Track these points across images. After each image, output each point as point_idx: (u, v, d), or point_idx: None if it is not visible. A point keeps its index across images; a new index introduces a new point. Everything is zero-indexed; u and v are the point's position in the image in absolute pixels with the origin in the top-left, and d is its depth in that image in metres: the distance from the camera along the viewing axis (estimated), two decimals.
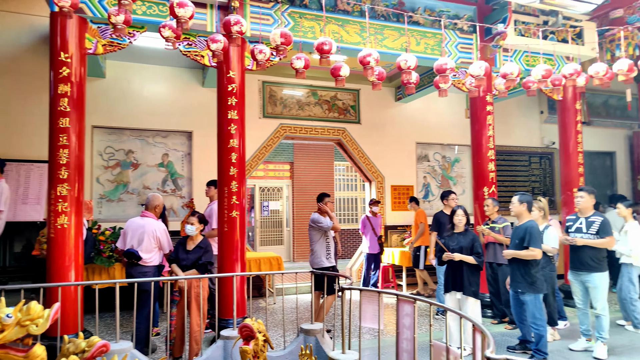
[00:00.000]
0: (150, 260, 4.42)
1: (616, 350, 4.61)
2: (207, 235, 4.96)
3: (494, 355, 1.87)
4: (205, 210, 5.52)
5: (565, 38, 6.21)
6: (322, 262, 5.24)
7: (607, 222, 4.54)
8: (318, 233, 5.25)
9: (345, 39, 5.37)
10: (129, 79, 6.98)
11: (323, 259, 5.24)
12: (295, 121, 7.89)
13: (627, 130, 10.42)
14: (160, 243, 4.49)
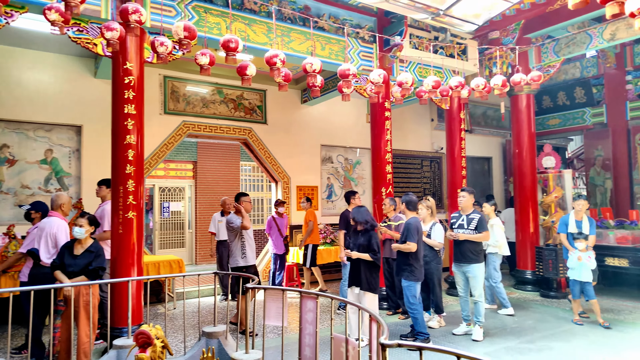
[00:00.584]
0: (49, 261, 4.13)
1: (490, 332, 5.24)
2: (99, 238, 4.59)
3: (387, 341, 2.03)
4: (96, 211, 5.09)
5: (452, 53, 6.90)
6: (237, 262, 5.22)
7: (483, 218, 5.15)
8: (233, 233, 5.25)
9: (252, 39, 5.35)
10: (5, 64, 6.16)
11: (238, 259, 5.23)
12: (200, 119, 7.64)
13: (502, 138, 11.86)
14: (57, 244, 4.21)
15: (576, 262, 5.52)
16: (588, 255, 5.49)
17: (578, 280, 5.51)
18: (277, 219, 7.27)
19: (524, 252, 7.70)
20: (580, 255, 5.48)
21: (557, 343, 4.80)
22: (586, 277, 5.44)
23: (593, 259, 5.50)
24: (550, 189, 7.48)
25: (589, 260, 5.46)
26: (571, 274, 5.63)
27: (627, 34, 6.29)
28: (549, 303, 6.67)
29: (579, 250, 5.51)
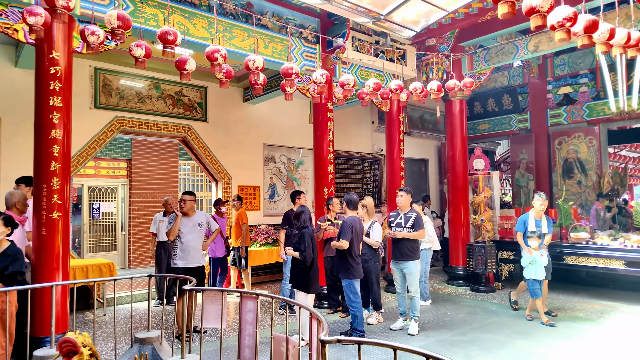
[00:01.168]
0: None
1: (425, 326, 5.46)
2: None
3: (327, 337, 2.04)
4: None
5: (392, 58, 7.13)
6: (174, 263, 5.02)
7: (420, 217, 5.36)
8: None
9: (192, 33, 5.18)
10: None
11: (175, 260, 5.02)
12: (134, 115, 7.27)
13: (437, 141, 12.44)
14: None
15: (529, 260, 5.54)
16: (541, 253, 5.52)
17: (535, 279, 5.51)
18: (218, 220, 7.08)
19: (455, 249, 8.12)
20: (531, 250, 5.54)
21: (486, 334, 5.11)
22: (541, 275, 5.48)
23: (546, 256, 5.55)
24: (480, 189, 7.95)
25: (541, 258, 5.50)
26: (527, 273, 5.61)
27: (548, 46, 6.85)
28: (478, 297, 7.08)
29: (532, 248, 5.56)
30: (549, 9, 2.64)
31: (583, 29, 2.90)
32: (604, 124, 9.35)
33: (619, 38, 3.35)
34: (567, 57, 9.71)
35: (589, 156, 9.51)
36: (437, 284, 8.11)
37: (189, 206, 5.10)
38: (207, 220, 5.30)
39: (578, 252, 6.67)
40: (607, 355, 4.43)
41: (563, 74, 9.85)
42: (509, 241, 7.68)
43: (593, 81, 9.44)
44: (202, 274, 5.11)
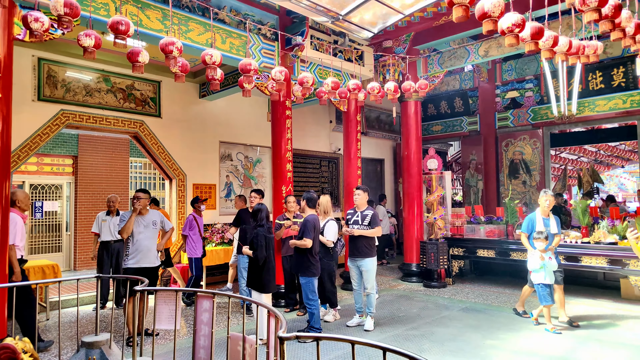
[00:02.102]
0: None
1: (381, 322, 5.57)
2: None
3: (285, 334, 2.03)
4: None
5: (350, 58, 7.21)
6: (125, 263, 4.83)
7: (376, 215, 5.46)
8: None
9: (146, 24, 4.99)
10: None
11: (127, 260, 4.84)
12: (82, 108, 6.90)
13: (393, 141, 12.73)
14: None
15: (539, 264, 5.09)
16: (549, 256, 5.12)
17: (545, 284, 5.10)
18: (198, 219, 6.78)
19: (410, 246, 8.34)
20: (543, 256, 5.10)
21: (438, 328, 5.28)
22: (551, 279, 5.08)
23: (554, 259, 5.17)
24: (433, 188, 8.21)
25: (550, 261, 5.10)
26: (536, 278, 5.17)
27: (497, 52, 7.19)
28: (431, 292, 7.31)
29: (539, 250, 5.13)
30: (499, 15, 2.77)
31: (530, 35, 3.07)
32: (547, 127, 9.94)
33: (561, 45, 3.58)
34: (515, 63, 10.24)
35: (533, 157, 10.07)
36: (392, 281, 8.30)
37: (143, 204, 4.91)
38: (161, 219, 5.13)
39: (523, 248, 7.05)
40: (549, 342, 4.71)
41: (510, 79, 10.37)
42: (459, 238, 7.99)
43: (537, 87, 10.02)
44: (155, 274, 4.93)
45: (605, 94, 8.89)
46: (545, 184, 9.90)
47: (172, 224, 7.81)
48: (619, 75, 8.71)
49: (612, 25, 3.16)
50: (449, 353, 4.46)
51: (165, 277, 7.62)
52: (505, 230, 7.65)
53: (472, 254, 7.74)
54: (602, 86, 8.93)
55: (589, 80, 9.03)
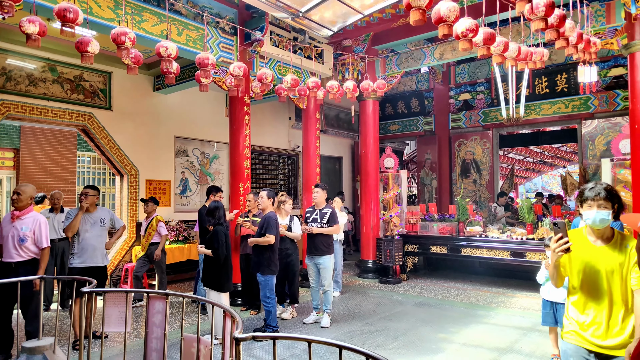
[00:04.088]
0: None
1: (337, 318, 5.63)
2: None
3: (242, 335, 2.00)
4: None
5: (310, 55, 7.21)
6: (71, 262, 4.60)
7: (335, 213, 5.50)
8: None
9: (96, 12, 4.74)
10: None
11: (72, 259, 4.60)
12: (24, 99, 6.47)
13: (351, 140, 12.87)
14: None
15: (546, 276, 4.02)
16: None
17: (548, 300, 4.04)
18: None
19: (366, 243, 8.48)
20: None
21: (392, 323, 5.41)
22: (560, 297, 3.88)
23: None
24: (390, 186, 8.39)
25: None
26: (545, 293, 4.08)
27: (452, 55, 7.44)
28: (386, 288, 7.47)
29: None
30: (454, 20, 2.87)
31: (482, 41, 3.20)
32: (496, 129, 10.41)
33: (511, 51, 3.75)
34: (468, 66, 10.63)
35: (483, 157, 10.52)
36: (349, 278, 8.41)
37: (91, 201, 4.67)
38: (111, 217, 4.90)
39: (472, 244, 7.36)
40: (495, 334, 4.94)
41: (463, 81, 10.76)
42: (414, 235, 8.21)
43: (488, 89, 10.46)
44: (103, 274, 4.71)
45: (550, 98, 9.43)
46: (494, 182, 10.36)
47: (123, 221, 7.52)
48: (562, 81, 9.26)
49: (557, 34, 3.35)
50: (402, 347, 4.59)
51: (115, 277, 7.31)
52: (457, 227, 7.95)
53: (426, 250, 7.98)
54: (547, 91, 9.46)
55: (536, 85, 9.54)
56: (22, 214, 4.17)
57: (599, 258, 2.17)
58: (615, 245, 2.17)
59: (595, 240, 2.21)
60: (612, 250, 2.16)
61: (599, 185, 2.15)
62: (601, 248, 2.18)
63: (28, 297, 3.89)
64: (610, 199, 2.12)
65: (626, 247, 2.14)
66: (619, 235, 2.19)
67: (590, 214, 2.14)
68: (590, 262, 2.17)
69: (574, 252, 2.17)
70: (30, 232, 4.12)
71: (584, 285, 2.20)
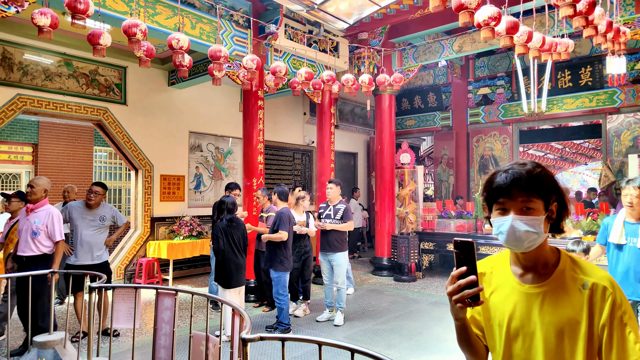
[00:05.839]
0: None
1: (351, 316, 5.53)
2: None
3: (249, 335, 1.92)
4: None
5: (325, 49, 7.08)
6: (67, 260, 4.59)
7: (348, 209, 5.39)
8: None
9: (109, 5, 4.71)
10: None
11: (70, 256, 4.60)
12: (41, 93, 6.51)
13: (366, 135, 12.71)
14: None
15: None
16: None
17: None
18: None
19: (381, 240, 8.35)
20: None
21: (407, 322, 5.28)
22: None
23: None
24: (406, 182, 8.23)
25: None
26: None
27: (471, 47, 7.22)
28: (401, 286, 7.34)
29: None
30: (476, 7, 2.72)
31: (505, 30, 3.03)
32: (516, 124, 10.12)
33: (535, 41, 3.57)
34: (487, 59, 10.35)
35: (502, 153, 10.25)
36: (362, 275, 8.30)
37: (98, 199, 4.64)
38: (113, 214, 4.81)
39: (490, 242, 7.16)
40: None
41: (483, 75, 10.49)
42: (430, 232, 8.05)
43: (509, 83, 10.17)
44: (104, 271, 4.67)
45: (573, 92, 9.10)
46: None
47: (138, 216, 7.54)
48: (587, 75, 8.93)
49: (586, 21, 3.16)
50: (417, 347, 4.46)
51: (130, 272, 7.35)
52: (475, 224, 7.75)
53: (442, 248, 7.81)
54: (571, 85, 9.15)
55: (558, 79, 9.23)
56: (36, 207, 4.17)
57: (532, 309, 1.19)
58: (562, 283, 1.17)
59: (523, 275, 1.23)
60: (555, 295, 1.17)
61: (518, 167, 1.19)
62: (532, 290, 1.20)
63: (39, 291, 3.88)
64: (540, 189, 1.16)
65: (585, 287, 1.15)
66: (568, 263, 1.20)
67: (501, 223, 1.18)
68: (517, 316, 1.21)
69: (493, 296, 1.27)
70: (43, 225, 4.11)
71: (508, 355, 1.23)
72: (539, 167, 1.19)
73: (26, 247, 4.07)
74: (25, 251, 4.07)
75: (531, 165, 1.19)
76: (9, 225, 4.57)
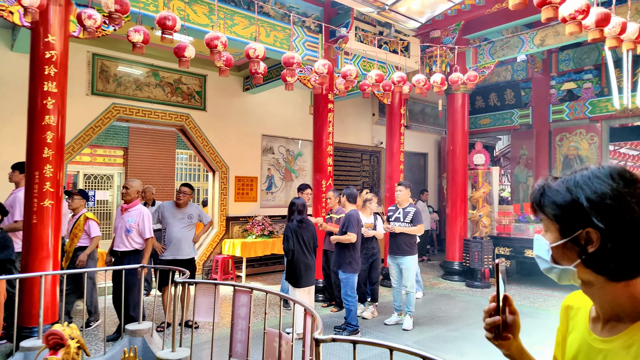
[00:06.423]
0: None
1: (420, 321, 5.42)
2: (8, 228, 4.15)
3: (321, 336, 1.98)
4: (8, 198, 4.58)
5: (396, 49, 7.00)
6: (160, 256, 5.02)
7: (419, 212, 5.30)
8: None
9: (192, 19, 5.06)
10: None
11: (165, 252, 5.04)
12: (132, 102, 7.15)
13: (437, 135, 12.34)
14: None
15: None
16: None
17: None
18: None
19: (452, 244, 8.08)
20: None
21: (480, 330, 5.01)
22: None
23: None
24: (479, 184, 7.89)
25: None
26: None
27: (554, 40, 6.73)
28: (473, 292, 7.05)
29: None
30: (560, 1, 2.55)
31: (594, 22, 2.80)
32: (606, 121, 9.26)
33: (629, 33, 3.25)
34: (572, 52, 9.59)
35: (589, 153, 9.44)
36: (432, 279, 8.09)
37: (186, 199, 5.06)
38: (199, 213, 5.23)
39: None
40: None
41: (567, 69, 9.73)
42: (506, 237, 7.64)
43: (597, 77, 9.33)
44: (190, 266, 5.05)
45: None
46: None
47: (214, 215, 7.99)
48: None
49: None
50: (490, 357, 4.27)
51: (207, 267, 7.81)
52: None
53: (519, 253, 7.39)
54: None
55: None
56: (130, 206, 4.60)
57: None
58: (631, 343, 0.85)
59: (595, 320, 0.97)
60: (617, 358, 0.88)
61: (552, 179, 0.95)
62: (597, 344, 0.94)
63: (130, 284, 4.27)
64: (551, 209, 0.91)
65: None
66: None
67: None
68: None
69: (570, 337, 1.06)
70: (135, 223, 4.53)
71: None
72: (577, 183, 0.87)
73: (120, 242, 4.51)
74: (119, 246, 4.52)
75: (567, 178, 0.90)
76: (72, 221, 4.96)
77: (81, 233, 4.86)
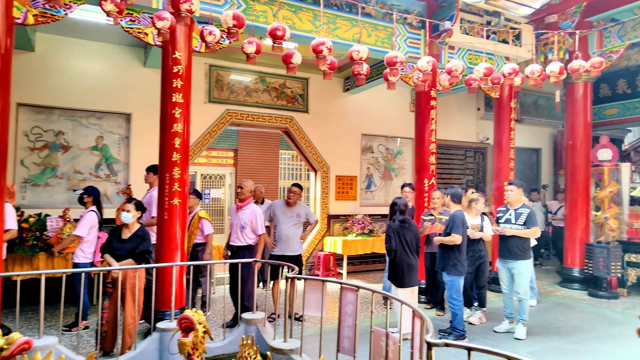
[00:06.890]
0: None
1: (533, 330, 5.03)
2: (146, 223, 4.77)
3: (434, 340, 1.96)
4: (144, 197, 5.27)
5: (506, 39, 6.56)
6: (271, 251, 5.38)
7: (533, 213, 4.92)
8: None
9: (298, 26, 5.30)
10: (61, 53, 6.44)
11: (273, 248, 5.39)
12: (242, 107, 7.71)
13: (553, 129, 11.27)
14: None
15: None
16: None
17: None
18: None
19: (572, 248, 7.33)
20: None
21: (605, 346, 4.55)
22: None
23: None
24: (605, 183, 7.04)
25: None
26: None
27: None
28: (597, 303, 6.34)
29: None
30: None
31: None
32: None
33: None
34: None
35: None
36: (547, 286, 7.44)
37: (296, 198, 5.35)
38: (306, 212, 5.50)
39: None
40: None
41: None
42: (638, 243, 6.72)
43: None
44: (297, 262, 5.30)
45: None
46: None
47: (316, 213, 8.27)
48: None
49: None
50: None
51: (310, 263, 8.11)
52: None
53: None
54: None
55: None
56: (244, 205, 5.00)
57: None
58: None
59: None
60: None
61: None
62: None
63: (245, 276, 4.64)
64: None
65: None
66: None
67: None
68: None
69: None
70: (249, 220, 4.90)
71: None
72: None
73: (236, 238, 4.92)
74: (235, 242, 4.93)
75: None
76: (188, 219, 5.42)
77: (197, 230, 5.40)
